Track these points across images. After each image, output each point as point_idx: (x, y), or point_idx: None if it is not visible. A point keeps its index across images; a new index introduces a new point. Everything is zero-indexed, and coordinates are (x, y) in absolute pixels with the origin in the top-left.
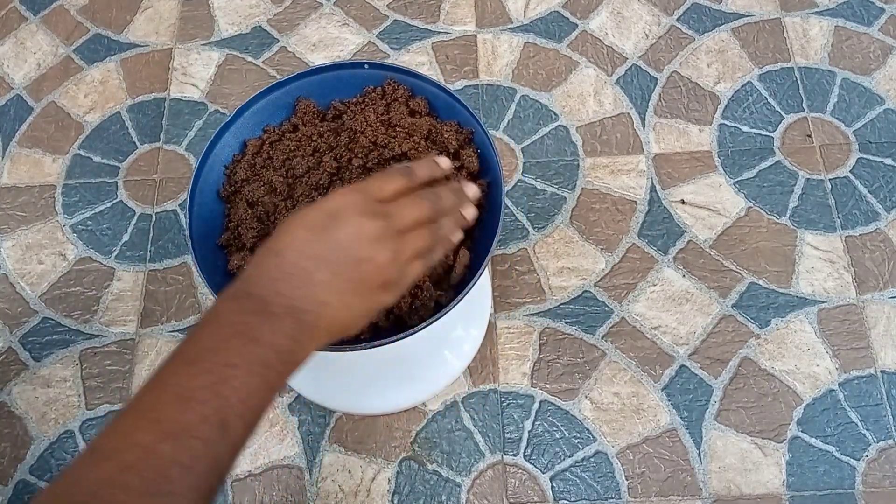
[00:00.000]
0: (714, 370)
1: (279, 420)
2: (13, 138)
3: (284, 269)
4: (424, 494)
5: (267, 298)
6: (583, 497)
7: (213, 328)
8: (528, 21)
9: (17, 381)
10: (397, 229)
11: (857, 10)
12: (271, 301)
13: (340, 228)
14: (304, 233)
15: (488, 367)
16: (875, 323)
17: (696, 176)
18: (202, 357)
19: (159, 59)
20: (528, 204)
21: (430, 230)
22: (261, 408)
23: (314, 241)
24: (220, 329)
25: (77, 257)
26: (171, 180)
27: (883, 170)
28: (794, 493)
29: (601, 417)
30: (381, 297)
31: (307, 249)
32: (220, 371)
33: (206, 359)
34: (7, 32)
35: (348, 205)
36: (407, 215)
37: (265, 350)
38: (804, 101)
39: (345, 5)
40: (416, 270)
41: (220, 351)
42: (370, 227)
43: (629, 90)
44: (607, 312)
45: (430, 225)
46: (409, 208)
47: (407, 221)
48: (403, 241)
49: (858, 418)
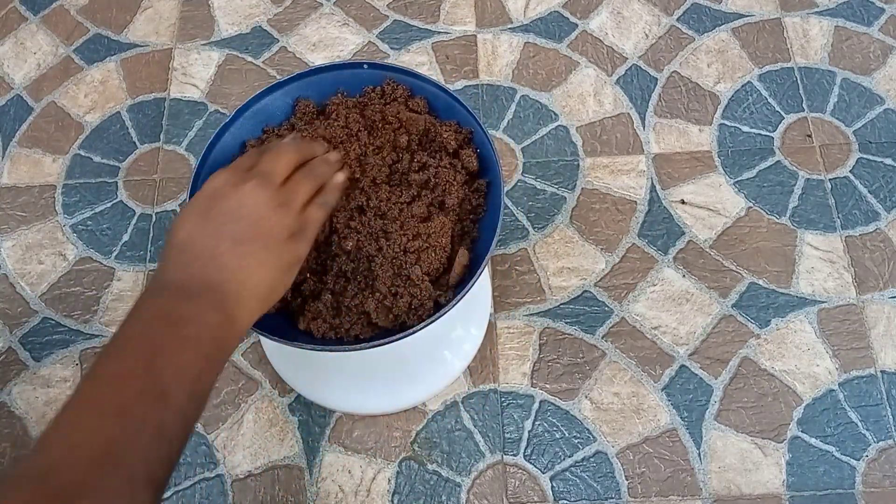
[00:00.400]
0: (714, 370)
1: (279, 420)
2: (13, 138)
3: (189, 254)
4: (424, 494)
5: (183, 282)
6: (583, 497)
7: (135, 320)
8: (528, 21)
9: (17, 381)
10: (272, 181)
11: (857, 10)
12: (188, 284)
13: (224, 202)
14: (195, 218)
15: (488, 367)
16: (875, 323)
17: (696, 176)
18: (128, 344)
19: (159, 59)
20: (528, 204)
21: (306, 173)
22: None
23: (207, 222)
24: (142, 320)
25: (77, 257)
26: (171, 180)
27: (883, 170)
28: (794, 493)
29: (601, 417)
30: (292, 247)
31: (203, 230)
32: (148, 351)
33: (133, 345)
34: (7, 32)
35: (222, 181)
36: (276, 167)
37: (192, 327)
38: (804, 101)
39: (345, 5)
40: (316, 214)
41: (147, 335)
42: (249, 189)
43: (629, 90)
44: (607, 312)
45: (303, 169)
46: (275, 160)
47: (279, 173)
48: (286, 190)
49: (858, 418)
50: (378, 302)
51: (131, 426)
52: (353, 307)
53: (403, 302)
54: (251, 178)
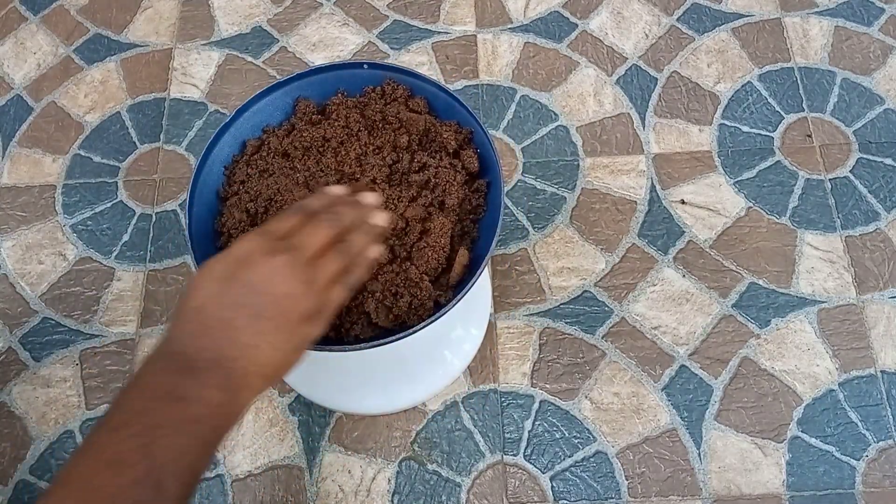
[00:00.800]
0: (714, 370)
1: (279, 420)
2: (13, 138)
3: (203, 323)
4: (424, 494)
5: (190, 355)
6: (583, 497)
7: (138, 392)
8: (528, 21)
9: (17, 381)
10: (306, 259)
11: (857, 10)
12: (195, 357)
13: (250, 272)
14: (216, 284)
15: (488, 367)
16: (875, 323)
17: (696, 176)
18: (129, 421)
19: (159, 59)
20: (528, 204)
21: (340, 250)
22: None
23: (227, 290)
24: (144, 392)
25: (77, 257)
26: (171, 180)
27: (883, 170)
28: (794, 493)
29: (601, 417)
30: (306, 329)
31: (222, 300)
32: (148, 433)
33: (132, 422)
34: (7, 32)
35: (252, 248)
36: (310, 241)
37: (194, 407)
38: (804, 101)
39: (345, 5)
40: (337, 295)
41: (147, 412)
42: (278, 264)
43: (629, 90)
44: (607, 312)
45: (339, 245)
46: (311, 234)
47: (313, 248)
48: (314, 268)
49: (858, 418)
50: (378, 302)
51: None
52: (353, 307)
53: (403, 302)
54: (284, 252)
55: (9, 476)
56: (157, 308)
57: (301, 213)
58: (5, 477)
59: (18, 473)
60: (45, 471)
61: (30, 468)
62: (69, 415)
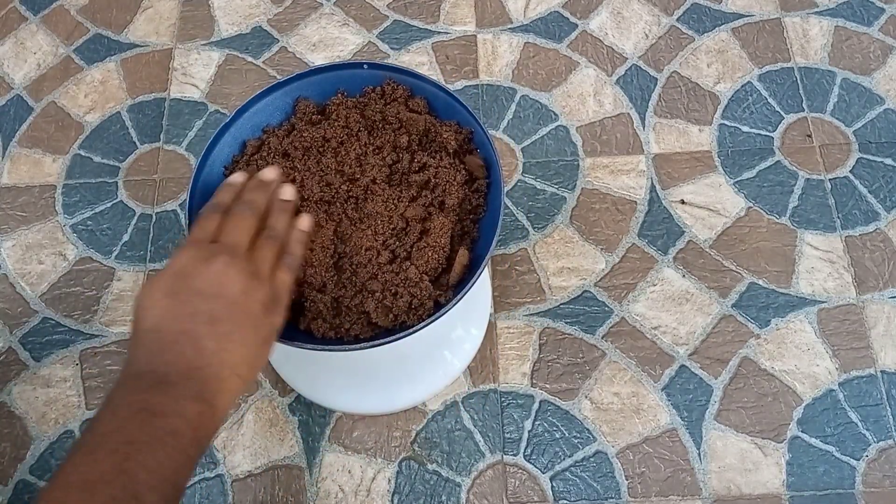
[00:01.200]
0: (714, 370)
1: (279, 420)
2: (13, 138)
3: (163, 340)
4: (424, 494)
5: (159, 372)
6: (583, 497)
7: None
8: (528, 21)
9: (17, 381)
10: (240, 253)
11: (857, 10)
12: (164, 372)
13: (194, 281)
14: (166, 299)
15: (488, 367)
16: (875, 323)
17: (696, 176)
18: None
19: (159, 59)
20: (528, 204)
21: (268, 236)
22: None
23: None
24: (116, 412)
25: (77, 257)
26: (171, 180)
27: (883, 170)
28: (794, 493)
29: (601, 417)
30: (268, 319)
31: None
32: (122, 450)
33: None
34: (7, 32)
35: (188, 258)
36: (238, 236)
37: (170, 420)
38: (804, 101)
39: (345, 5)
40: (285, 278)
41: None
42: (219, 266)
43: (629, 90)
44: (607, 312)
45: (265, 231)
46: (235, 228)
47: (243, 241)
48: (253, 260)
49: (858, 418)
50: (378, 302)
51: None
52: (353, 307)
53: (403, 302)
54: (220, 253)
55: (9, 476)
56: None
57: (216, 211)
58: (5, 477)
59: (18, 473)
60: (45, 471)
61: (30, 468)
62: (69, 415)
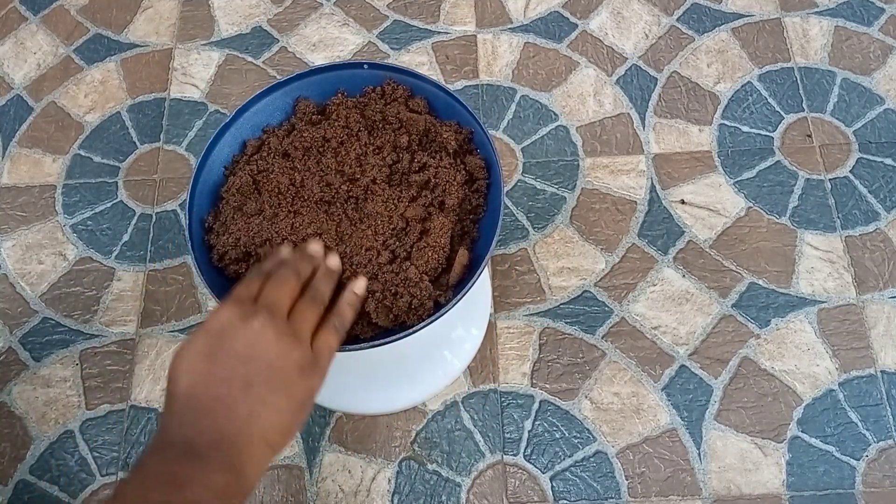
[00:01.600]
0: (714, 370)
1: None
2: (13, 138)
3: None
4: (424, 494)
5: (190, 441)
6: (583, 497)
7: (138, 482)
8: (528, 21)
9: (17, 381)
10: (279, 313)
11: (857, 10)
12: (196, 442)
13: (232, 342)
14: (200, 363)
15: (488, 367)
16: (875, 323)
17: (696, 176)
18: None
19: (159, 59)
20: (528, 204)
21: (310, 297)
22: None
23: (213, 367)
24: (145, 482)
25: (77, 257)
26: (171, 180)
27: (883, 170)
28: (794, 493)
29: (601, 417)
30: (304, 384)
31: (210, 377)
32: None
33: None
34: (7, 32)
35: (227, 318)
36: (279, 297)
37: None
38: (804, 101)
39: (345, 5)
40: (330, 342)
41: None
42: (257, 326)
43: (629, 90)
44: (607, 312)
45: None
46: (277, 290)
47: (284, 302)
48: (293, 321)
49: (858, 418)
50: (378, 302)
51: None
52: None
53: (403, 302)
54: (258, 314)
55: (9, 476)
56: (158, 308)
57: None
58: (5, 477)
59: (18, 473)
60: (45, 471)
61: (30, 468)
62: (69, 415)
